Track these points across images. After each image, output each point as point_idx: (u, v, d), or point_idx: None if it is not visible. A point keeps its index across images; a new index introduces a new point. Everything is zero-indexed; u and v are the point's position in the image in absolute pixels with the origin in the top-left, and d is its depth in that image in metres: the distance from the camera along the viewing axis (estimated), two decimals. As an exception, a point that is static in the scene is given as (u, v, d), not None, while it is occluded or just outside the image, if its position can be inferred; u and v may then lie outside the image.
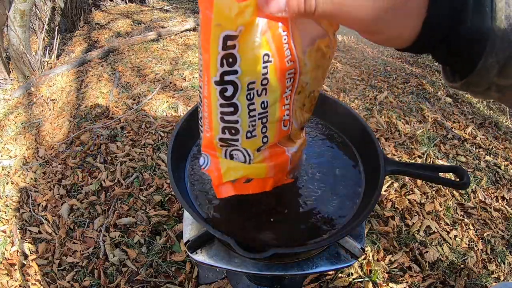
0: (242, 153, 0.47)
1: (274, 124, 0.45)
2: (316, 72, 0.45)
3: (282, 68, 0.40)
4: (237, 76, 0.37)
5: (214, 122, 0.43)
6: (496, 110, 2.24)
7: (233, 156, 0.47)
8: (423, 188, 1.50)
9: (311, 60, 0.42)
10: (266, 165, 0.49)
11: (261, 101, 0.42)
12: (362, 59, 2.79)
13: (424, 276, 1.17)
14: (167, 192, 1.43)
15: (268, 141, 0.47)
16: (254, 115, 0.42)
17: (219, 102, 0.40)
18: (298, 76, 0.42)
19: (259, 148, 0.47)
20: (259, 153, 0.48)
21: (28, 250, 1.25)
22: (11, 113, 2.07)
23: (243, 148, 0.46)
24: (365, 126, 0.72)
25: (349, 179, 0.72)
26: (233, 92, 0.39)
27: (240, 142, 0.45)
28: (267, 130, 0.45)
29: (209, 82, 0.39)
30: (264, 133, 0.45)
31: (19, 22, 2.24)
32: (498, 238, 1.35)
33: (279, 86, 0.41)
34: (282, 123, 0.46)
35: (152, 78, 2.31)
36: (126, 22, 3.47)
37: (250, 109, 0.41)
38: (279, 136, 0.48)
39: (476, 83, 0.33)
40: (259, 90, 0.41)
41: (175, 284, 1.12)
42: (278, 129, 0.46)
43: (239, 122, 0.42)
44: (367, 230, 1.30)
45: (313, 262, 0.63)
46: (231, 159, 0.48)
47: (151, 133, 1.77)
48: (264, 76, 0.39)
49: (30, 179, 1.56)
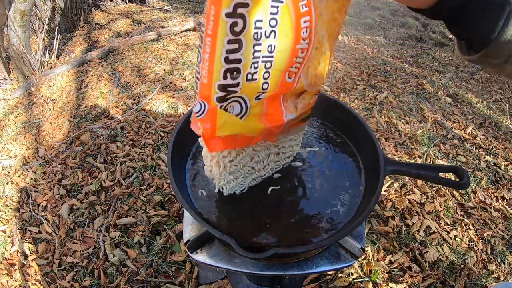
0: (239, 103, 0.44)
1: (278, 72, 0.43)
2: (332, 25, 0.43)
3: (297, 13, 0.38)
4: (247, 10, 0.35)
5: (216, 64, 0.39)
6: (496, 110, 2.24)
7: (229, 110, 0.44)
8: (423, 188, 1.50)
9: (328, 10, 0.41)
10: (263, 126, 0.48)
11: (268, 44, 0.40)
12: (362, 59, 2.79)
13: (424, 276, 1.17)
14: (167, 192, 1.43)
15: (268, 88, 0.44)
16: (258, 57, 0.40)
17: (227, 38, 0.37)
18: (315, 26, 0.41)
19: (258, 96, 0.45)
20: (257, 102, 0.45)
21: (28, 250, 1.25)
22: (11, 113, 2.07)
23: (241, 96, 0.43)
24: (365, 126, 0.72)
25: (349, 179, 0.72)
26: (243, 27, 0.37)
27: (240, 86, 0.42)
28: (270, 76, 0.43)
29: (217, 16, 0.36)
30: (266, 79, 0.43)
31: (19, 22, 2.24)
32: (498, 238, 1.35)
33: (291, 32, 0.39)
34: (287, 74, 0.44)
35: (152, 78, 2.31)
36: (126, 22, 3.47)
37: (255, 49, 0.39)
38: (281, 87, 0.45)
39: (494, 54, 0.32)
40: (267, 31, 0.39)
41: (175, 284, 1.12)
42: (281, 79, 0.45)
43: (241, 62, 0.40)
44: (367, 230, 1.30)
45: (313, 262, 0.63)
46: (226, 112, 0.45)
47: (151, 133, 1.77)
48: (273, 16, 0.37)
49: (30, 179, 1.56)
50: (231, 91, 0.42)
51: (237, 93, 0.43)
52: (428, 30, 4.06)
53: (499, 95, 2.46)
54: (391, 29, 3.92)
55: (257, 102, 0.45)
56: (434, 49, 3.31)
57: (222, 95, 0.42)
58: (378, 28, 3.90)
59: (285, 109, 0.50)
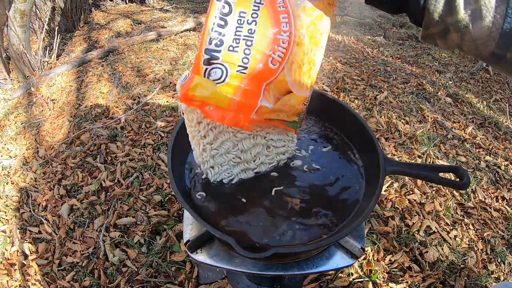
0: (221, 70, 0.52)
1: (259, 53, 0.52)
2: (313, 30, 0.53)
3: (274, 11, 0.51)
4: (234, 1, 0.50)
5: (206, 34, 0.51)
6: (496, 110, 2.24)
7: (211, 74, 0.53)
8: (423, 188, 1.50)
9: (306, 14, 0.51)
10: (230, 98, 0.54)
11: (249, 28, 0.51)
12: (362, 59, 2.79)
13: (424, 276, 1.17)
14: (167, 192, 1.43)
15: (248, 63, 0.52)
16: (239, 35, 0.51)
17: (216, 16, 0.50)
18: (294, 23, 0.51)
19: (239, 70, 0.52)
20: (237, 74, 0.53)
21: (28, 250, 1.25)
22: (11, 113, 2.07)
23: (222, 63, 0.52)
24: (365, 126, 0.72)
25: (349, 179, 0.72)
26: (229, 11, 0.50)
27: (222, 53, 0.52)
28: (250, 53, 0.52)
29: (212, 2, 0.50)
30: (246, 54, 0.52)
31: (19, 22, 2.24)
32: (498, 238, 1.35)
33: (270, 23, 0.51)
34: (270, 60, 0.53)
35: (152, 78, 2.31)
36: (126, 22, 3.47)
37: (237, 30, 0.51)
38: (263, 69, 0.53)
39: (431, 24, 0.37)
40: (249, 20, 0.51)
41: (175, 284, 1.12)
42: (263, 61, 0.52)
43: (225, 36, 0.51)
44: (367, 230, 1.30)
45: (313, 262, 0.63)
46: (208, 77, 0.53)
47: (151, 133, 1.77)
48: (255, 11, 0.51)
49: (30, 179, 1.56)
50: (214, 56, 0.52)
51: (219, 59, 0.52)
52: (428, 30, 4.06)
53: (499, 95, 2.46)
54: (391, 29, 3.92)
55: (237, 74, 0.53)
56: (434, 49, 3.31)
57: (207, 58, 0.52)
58: (378, 28, 3.90)
59: (263, 95, 0.55)
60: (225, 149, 0.65)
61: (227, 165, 0.67)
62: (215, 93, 0.52)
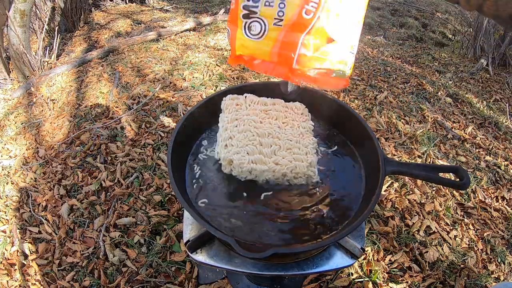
0: (260, 24, 0.58)
1: (293, 4, 0.55)
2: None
3: None
4: None
5: None
6: (496, 110, 2.24)
7: (251, 28, 0.58)
8: (423, 188, 1.50)
9: None
10: (270, 50, 0.59)
11: None
12: (362, 59, 2.79)
13: (424, 276, 1.17)
14: (167, 192, 1.43)
15: (283, 16, 0.56)
16: None
17: None
18: None
19: (276, 23, 0.57)
20: (275, 27, 0.57)
21: (28, 250, 1.25)
22: (11, 113, 2.07)
23: (261, 18, 0.57)
24: (365, 126, 0.72)
25: (349, 179, 0.72)
26: None
27: (259, 8, 0.57)
28: (285, 6, 0.56)
29: None
30: (281, 8, 0.56)
31: (19, 22, 2.24)
32: (498, 238, 1.35)
33: None
34: (304, 11, 0.55)
35: (152, 78, 2.31)
36: (126, 22, 3.47)
37: None
38: (298, 20, 0.56)
39: None
40: None
41: (175, 284, 1.12)
42: (298, 12, 0.55)
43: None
44: (367, 230, 1.30)
45: (313, 262, 0.63)
46: (249, 31, 0.59)
47: (151, 133, 1.77)
48: None
49: (30, 179, 1.56)
50: (252, 11, 0.57)
51: (257, 14, 0.57)
52: (428, 30, 4.06)
53: (499, 95, 2.46)
54: (391, 29, 3.92)
55: (274, 27, 0.57)
56: (434, 49, 3.31)
57: (246, 13, 0.58)
58: (378, 28, 3.90)
59: (301, 45, 0.58)
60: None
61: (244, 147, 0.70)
62: (257, 48, 0.58)
